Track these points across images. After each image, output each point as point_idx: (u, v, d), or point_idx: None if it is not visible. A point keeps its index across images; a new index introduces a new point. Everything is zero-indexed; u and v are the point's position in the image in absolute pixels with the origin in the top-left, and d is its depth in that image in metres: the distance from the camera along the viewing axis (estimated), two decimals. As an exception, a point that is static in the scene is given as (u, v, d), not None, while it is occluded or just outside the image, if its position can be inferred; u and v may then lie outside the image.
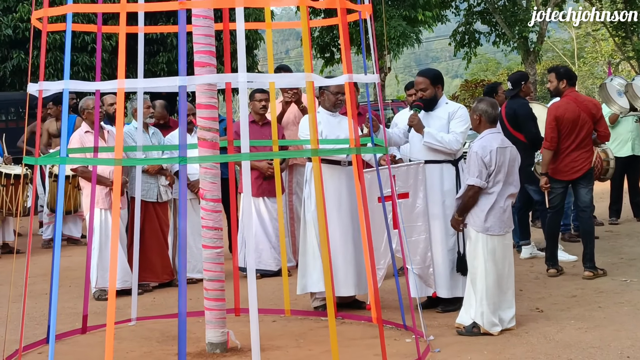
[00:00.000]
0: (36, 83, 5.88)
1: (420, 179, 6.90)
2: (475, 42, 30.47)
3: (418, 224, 6.94)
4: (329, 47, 27.38)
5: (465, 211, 6.38)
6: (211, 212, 5.95)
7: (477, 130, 6.58)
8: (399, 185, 6.81)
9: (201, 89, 5.90)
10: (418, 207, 6.93)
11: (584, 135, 8.34)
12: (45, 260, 10.02)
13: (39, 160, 6.16)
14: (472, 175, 6.32)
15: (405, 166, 7.01)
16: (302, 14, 5.73)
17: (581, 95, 8.59)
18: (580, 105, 8.36)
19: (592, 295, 7.61)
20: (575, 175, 8.38)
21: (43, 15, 5.90)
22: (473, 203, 6.34)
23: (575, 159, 8.36)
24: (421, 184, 6.91)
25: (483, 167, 6.29)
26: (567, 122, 8.33)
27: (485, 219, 6.35)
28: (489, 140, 6.40)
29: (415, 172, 6.92)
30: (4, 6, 19.32)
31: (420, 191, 6.92)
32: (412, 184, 6.91)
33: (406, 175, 6.92)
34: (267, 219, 9.11)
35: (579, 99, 8.46)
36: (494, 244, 6.37)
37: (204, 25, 5.83)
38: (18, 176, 11.01)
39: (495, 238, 6.37)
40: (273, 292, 8.10)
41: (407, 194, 6.90)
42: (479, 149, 6.34)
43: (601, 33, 47.06)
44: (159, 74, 20.32)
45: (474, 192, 6.33)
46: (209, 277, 6.01)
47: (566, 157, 8.40)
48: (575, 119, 8.32)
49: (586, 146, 8.37)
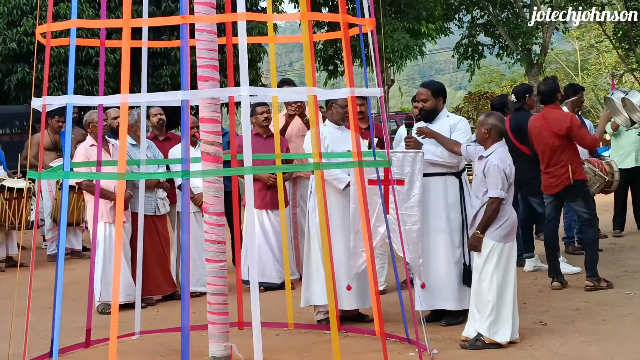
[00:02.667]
0: (40, 97, 5.90)
1: (418, 167, 6.82)
2: (478, 54, 30.49)
3: (413, 213, 6.85)
4: (332, 60, 27.44)
5: (488, 226, 6.40)
6: (214, 225, 5.95)
7: (483, 143, 6.59)
8: (394, 172, 6.74)
9: (204, 103, 5.91)
10: (414, 196, 6.84)
11: (549, 153, 8.41)
12: (48, 273, 10.00)
13: (42, 174, 6.17)
14: (495, 187, 6.35)
15: (402, 153, 6.94)
16: (303, 29, 5.74)
17: (555, 112, 8.56)
18: (545, 123, 8.44)
19: (596, 308, 7.60)
20: (555, 190, 8.47)
21: (47, 30, 5.91)
22: (496, 216, 6.38)
23: (551, 175, 8.45)
24: (418, 173, 6.83)
25: (505, 179, 6.38)
26: (533, 138, 8.60)
27: (503, 229, 6.42)
28: (505, 153, 6.50)
29: (412, 161, 6.84)
30: (9, 20, 19.37)
31: (416, 180, 6.83)
32: (408, 172, 6.83)
33: (402, 162, 6.85)
34: (271, 232, 9.11)
35: (548, 115, 8.52)
36: (508, 252, 6.44)
37: (207, 39, 5.84)
38: (21, 190, 11.03)
39: (509, 246, 6.45)
40: (277, 306, 8.08)
41: (403, 181, 6.82)
42: (499, 161, 6.39)
43: (605, 45, 47.04)
44: (163, 87, 20.35)
45: (498, 204, 6.38)
46: (212, 291, 6.00)
47: (543, 175, 8.57)
48: (536, 135, 8.51)
49: (557, 163, 8.40)
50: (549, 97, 8.64)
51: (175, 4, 20.36)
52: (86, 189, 8.34)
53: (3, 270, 11.28)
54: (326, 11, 26.59)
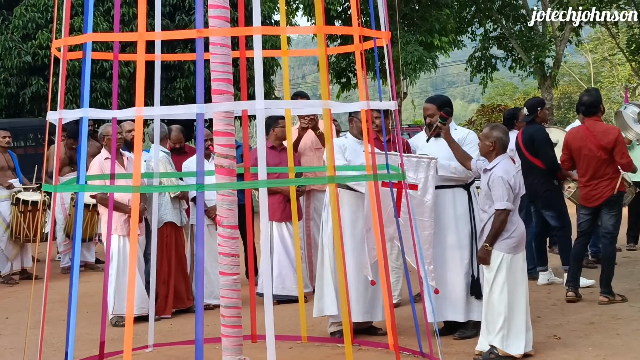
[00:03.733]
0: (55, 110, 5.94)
1: (432, 174, 6.82)
2: (491, 67, 30.47)
3: (425, 219, 6.85)
4: (345, 73, 27.46)
5: (496, 238, 6.39)
6: (228, 238, 5.95)
7: (487, 156, 6.60)
8: (408, 176, 6.76)
9: (218, 116, 5.93)
10: (427, 202, 6.85)
11: (595, 165, 8.33)
12: (63, 286, 10.05)
13: (58, 187, 6.20)
14: (501, 199, 6.35)
15: (416, 157, 6.95)
16: (319, 42, 5.76)
17: (599, 124, 8.49)
18: (590, 135, 8.36)
19: (610, 322, 7.57)
20: (595, 202, 8.39)
21: (63, 44, 5.95)
22: (504, 228, 6.38)
23: (593, 188, 8.37)
24: (432, 179, 6.84)
25: (510, 190, 6.37)
26: (575, 151, 8.47)
27: (512, 240, 6.40)
28: (508, 165, 6.50)
29: (426, 167, 6.85)
30: (24, 33, 19.45)
31: (430, 187, 6.84)
32: (422, 178, 6.85)
33: (416, 167, 6.86)
34: (291, 245, 9.07)
35: (592, 129, 8.41)
36: (518, 264, 6.43)
37: (222, 53, 5.86)
38: (36, 202, 11.09)
39: (519, 257, 6.44)
40: (290, 318, 8.08)
41: (416, 186, 6.83)
42: (503, 173, 6.39)
43: (618, 57, 46.99)
44: (177, 99, 20.39)
45: (505, 216, 6.38)
46: (226, 304, 6.01)
47: (583, 187, 8.47)
48: (580, 148, 8.41)
49: (603, 176, 8.34)
50: (591, 109, 8.57)
51: (189, 17, 20.41)
52: (100, 201, 8.38)
53: (17, 283, 11.33)
54: (339, 24, 26.63)
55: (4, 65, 19.48)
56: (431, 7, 25.97)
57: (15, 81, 19.73)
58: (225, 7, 5.78)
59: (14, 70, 19.40)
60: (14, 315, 9.01)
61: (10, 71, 19.49)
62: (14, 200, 11.17)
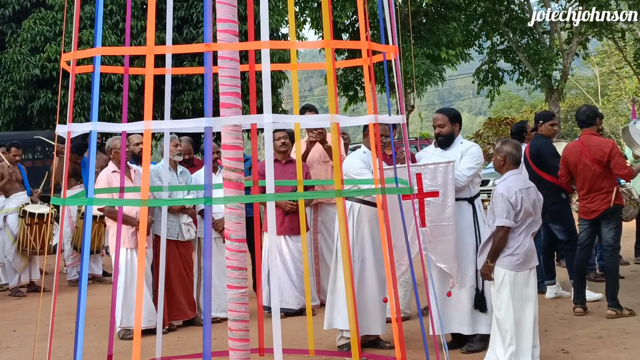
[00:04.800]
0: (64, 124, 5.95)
1: (451, 177, 6.87)
2: (498, 80, 30.50)
3: (449, 224, 6.90)
4: (352, 86, 27.52)
5: (497, 255, 6.37)
6: (236, 252, 5.94)
7: (499, 171, 6.61)
8: (427, 184, 6.83)
9: (227, 129, 5.92)
10: (449, 206, 6.89)
11: (591, 179, 8.38)
12: (70, 298, 10.07)
13: (66, 201, 6.21)
14: (501, 216, 6.33)
15: (433, 164, 6.99)
16: (327, 56, 5.76)
17: (594, 138, 8.52)
18: (585, 149, 8.40)
19: (618, 336, 7.55)
20: (592, 215, 8.45)
21: (72, 57, 5.97)
22: (504, 244, 6.35)
23: (590, 201, 8.42)
24: (451, 183, 6.87)
25: (510, 207, 6.32)
26: (571, 165, 8.55)
27: (515, 257, 6.35)
28: (513, 181, 6.45)
29: (444, 171, 6.89)
30: (32, 46, 19.55)
31: (450, 190, 6.88)
32: (441, 183, 6.89)
33: (434, 174, 6.91)
34: (289, 258, 9.13)
35: (587, 143, 8.48)
36: (524, 281, 6.38)
37: (230, 67, 5.86)
38: (42, 215, 11.13)
39: (525, 274, 6.39)
40: (297, 332, 8.08)
41: (437, 192, 6.88)
42: (504, 190, 6.37)
43: (625, 71, 46.99)
44: (184, 112, 20.47)
45: (504, 233, 6.34)
46: (234, 317, 5.99)
47: (581, 201, 8.52)
48: (576, 163, 8.47)
49: (599, 189, 8.38)
50: (588, 120, 8.62)
51: (197, 30, 20.49)
52: (108, 214, 8.40)
53: (25, 295, 11.35)
54: (346, 37, 26.71)
55: (13, 78, 19.58)
56: (438, 21, 26.03)
57: (23, 94, 19.83)
58: (234, 21, 5.79)
59: (22, 83, 19.49)
60: (22, 327, 9.02)
61: (19, 84, 19.58)
62: (21, 213, 11.21)
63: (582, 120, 8.63)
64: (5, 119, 20.38)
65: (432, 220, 6.89)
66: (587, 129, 8.58)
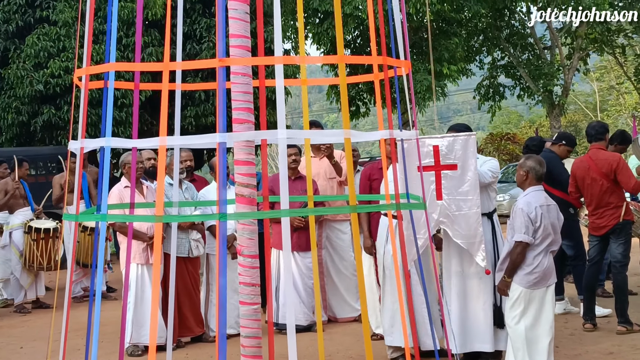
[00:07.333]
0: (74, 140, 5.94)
1: (472, 150, 6.76)
2: (499, 96, 30.51)
3: (469, 197, 6.78)
4: (354, 101, 27.53)
5: (515, 270, 6.35)
6: (249, 268, 5.92)
7: (522, 186, 6.60)
8: (444, 155, 6.74)
9: (239, 145, 5.92)
10: (469, 180, 6.78)
11: (598, 194, 8.38)
12: (77, 315, 10.01)
13: (79, 217, 6.19)
14: (519, 231, 6.32)
15: (452, 137, 6.88)
16: (340, 71, 5.75)
17: (602, 152, 8.55)
18: (592, 164, 8.41)
19: (629, 352, 7.53)
20: (602, 231, 8.44)
21: (85, 73, 5.97)
22: (521, 260, 6.33)
23: (599, 216, 8.42)
24: (472, 156, 6.76)
25: (530, 223, 6.30)
26: (579, 180, 8.56)
27: (532, 276, 6.33)
28: (534, 197, 6.44)
29: (464, 143, 6.79)
30: (35, 62, 19.53)
31: (471, 164, 6.76)
32: (460, 156, 6.78)
33: (452, 145, 6.80)
34: (297, 274, 9.12)
35: (595, 157, 8.51)
36: (541, 299, 6.36)
37: (243, 82, 5.86)
38: (48, 230, 11.10)
39: (541, 291, 6.37)
40: (306, 348, 8.05)
41: (455, 165, 6.78)
42: (524, 205, 6.36)
43: (624, 86, 47.05)
44: (187, 127, 20.44)
45: (522, 249, 6.32)
46: (246, 334, 5.96)
47: (591, 216, 8.51)
48: (584, 178, 8.47)
49: (608, 205, 8.38)
50: (598, 135, 8.65)
51: (200, 46, 20.49)
52: (119, 230, 8.38)
53: (30, 312, 11.31)
54: (349, 52, 26.73)
55: (16, 94, 19.56)
56: (440, 36, 26.06)
57: (26, 110, 19.80)
58: (247, 37, 5.79)
59: (25, 99, 19.46)
60: (29, 344, 8.98)
61: (22, 100, 19.56)
62: (27, 229, 11.18)
63: (591, 134, 8.63)
64: (8, 135, 20.34)
65: (449, 193, 6.81)
66: (595, 143, 8.59)
